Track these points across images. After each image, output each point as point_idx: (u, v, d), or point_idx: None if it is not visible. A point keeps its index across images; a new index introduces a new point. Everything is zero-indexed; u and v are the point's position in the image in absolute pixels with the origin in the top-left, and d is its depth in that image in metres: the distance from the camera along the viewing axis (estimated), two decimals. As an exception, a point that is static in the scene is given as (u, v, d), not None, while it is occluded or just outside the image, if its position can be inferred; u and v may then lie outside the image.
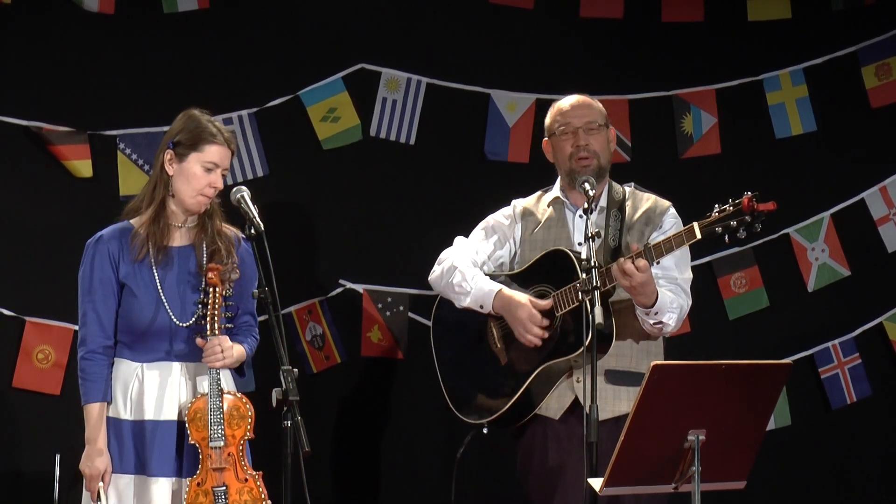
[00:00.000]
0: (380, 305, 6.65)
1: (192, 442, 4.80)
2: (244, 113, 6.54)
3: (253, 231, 4.75)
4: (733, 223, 4.75)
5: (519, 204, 5.47)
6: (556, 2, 6.85)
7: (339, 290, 6.66)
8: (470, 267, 5.37)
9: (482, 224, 5.51)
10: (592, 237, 4.88)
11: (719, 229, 4.77)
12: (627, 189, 5.35)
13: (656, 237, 5.11)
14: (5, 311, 6.31)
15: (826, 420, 6.90)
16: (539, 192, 5.50)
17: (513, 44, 6.83)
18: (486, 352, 5.37)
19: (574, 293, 5.05)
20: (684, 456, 4.51)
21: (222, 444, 4.79)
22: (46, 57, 6.40)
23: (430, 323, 6.67)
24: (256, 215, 4.76)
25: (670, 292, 5.10)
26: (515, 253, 5.42)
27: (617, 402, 5.11)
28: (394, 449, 6.73)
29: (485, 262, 5.43)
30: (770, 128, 6.93)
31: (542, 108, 6.79)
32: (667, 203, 5.31)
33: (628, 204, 5.28)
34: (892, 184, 6.89)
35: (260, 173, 6.57)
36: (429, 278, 5.52)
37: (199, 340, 4.83)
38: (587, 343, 4.82)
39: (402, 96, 6.72)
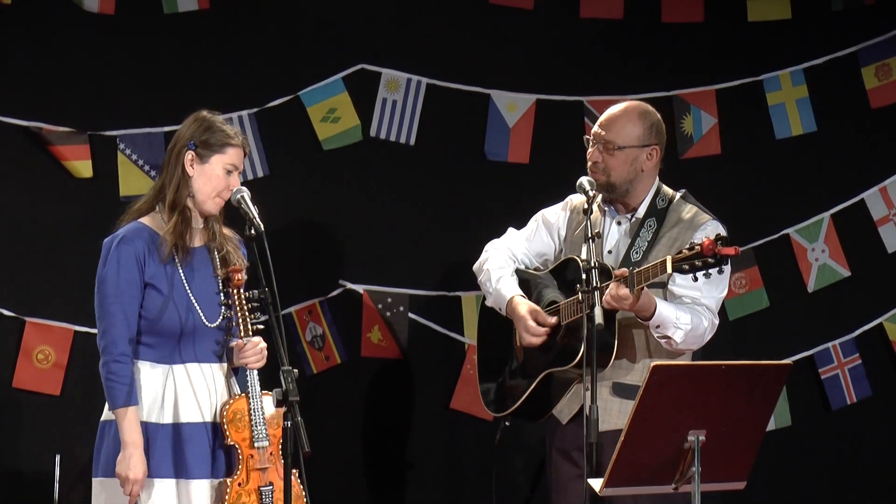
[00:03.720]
0: (380, 306, 6.65)
1: (231, 443, 4.78)
2: (244, 113, 6.55)
3: (253, 231, 4.74)
4: (698, 262, 4.72)
5: (573, 199, 5.39)
6: (556, 2, 6.85)
7: (339, 290, 6.67)
8: (501, 266, 5.36)
9: (535, 217, 5.46)
10: (592, 238, 4.87)
11: (687, 266, 4.74)
12: (677, 196, 5.26)
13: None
14: (5, 311, 6.31)
15: (826, 420, 6.90)
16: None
17: (513, 44, 6.83)
18: (510, 347, 5.38)
19: (579, 305, 5.01)
20: (684, 456, 4.51)
21: (267, 443, 4.78)
22: (46, 57, 6.40)
23: (429, 323, 6.72)
24: (256, 216, 4.75)
25: (682, 310, 5.04)
26: (561, 250, 5.39)
27: (622, 415, 5.02)
28: (394, 449, 6.73)
29: (526, 255, 5.41)
30: (770, 128, 6.93)
31: (542, 108, 6.80)
32: (705, 218, 5.17)
33: (668, 216, 5.20)
34: (892, 184, 6.89)
35: (260, 173, 6.57)
36: (473, 267, 5.50)
37: (238, 342, 4.81)
38: (588, 345, 4.82)
39: (402, 97, 6.72)
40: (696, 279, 4.76)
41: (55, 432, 6.28)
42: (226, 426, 4.77)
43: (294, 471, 4.76)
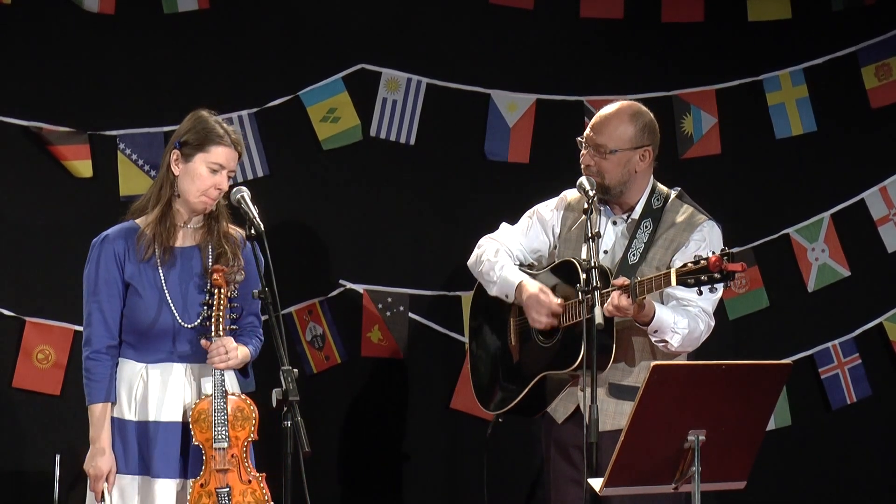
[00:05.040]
0: (380, 305, 6.65)
1: (196, 443, 4.79)
2: (244, 113, 6.55)
3: (253, 231, 4.74)
4: (704, 277, 4.72)
5: (568, 195, 5.38)
6: (556, 2, 6.85)
7: (339, 290, 6.67)
8: (501, 256, 5.34)
9: (528, 212, 5.44)
10: (592, 237, 4.86)
11: (692, 280, 4.74)
12: (672, 194, 5.25)
13: (674, 260, 5.06)
14: (5, 311, 6.31)
15: (826, 420, 6.90)
16: None
17: (513, 44, 6.83)
18: (505, 345, 5.37)
19: (578, 306, 4.99)
20: (684, 456, 4.52)
21: (226, 445, 4.79)
22: (46, 57, 6.40)
23: (429, 323, 6.71)
24: (256, 215, 4.76)
25: (679, 313, 5.03)
26: (555, 246, 5.38)
27: (618, 416, 5.06)
28: (394, 449, 6.73)
29: (521, 251, 5.40)
30: (770, 128, 6.93)
31: (542, 108, 6.80)
32: (702, 218, 5.17)
33: (664, 216, 5.19)
34: (892, 184, 6.89)
35: (260, 173, 6.57)
36: (467, 263, 5.49)
37: (203, 342, 4.83)
38: (587, 340, 4.82)
39: (402, 96, 6.72)
40: (700, 293, 4.75)
41: (55, 432, 6.28)
42: (191, 426, 4.79)
43: (262, 475, 4.78)
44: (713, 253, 4.73)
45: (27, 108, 6.36)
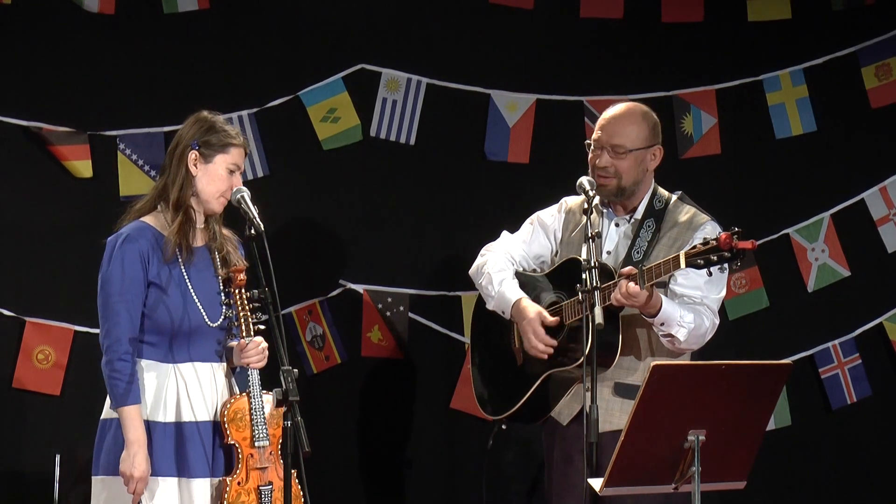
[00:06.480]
0: (380, 305, 6.66)
1: (232, 442, 4.79)
2: (244, 113, 6.55)
3: (253, 231, 4.74)
4: (713, 257, 4.73)
5: (568, 201, 5.39)
6: (556, 2, 6.86)
7: (339, 290, 6.67)
8: (501, 269, 5.33)
9: (529, 219, 5.45)
10: (592, 238, 4.87)
11: (701, 261, 4.75)
12: (674, 197, 5.26)
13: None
14: (5, 311, 6.31)
15: (826, 420, 6.90)
16: None
17: (513, 44, 6.83)
18: (508, 349, 5.37)
19: (580, 306, 4.99)
20: (684, 456, 4.51)
21: (267, 443, 4.79)
22: (46, 57, 6.40)
23: (429, 323, 6.71)
24: (256, 216, 4.76)
25: (686, 308, 5.04)
26: (557, 252, 5.38)
27: (624, 415, 5.03)
28: (394, 449, 6.73)
29: (524, 258, 5.41)
30: (770, 128, 6.93)
31: (542, 108, 6.80)
32: (704, 218, 5.19)
33: (666, 216, 5.21)
34: (892, 184, 6.89)
35: (260, 173, 6.57)
36: (469, 272, 5.49)
37: (240, 342, 4.82)
38: (589, 344, 4.82)
39: (402, 96, 6.72)
40: (710, 274, 4.76)
41: (55, 432, 6.28)
42: (226, 425, 4.78)
43: (293, 471, 4.77)
44: (722, 231, 4.75)
45: (27, 108, 6.36)
